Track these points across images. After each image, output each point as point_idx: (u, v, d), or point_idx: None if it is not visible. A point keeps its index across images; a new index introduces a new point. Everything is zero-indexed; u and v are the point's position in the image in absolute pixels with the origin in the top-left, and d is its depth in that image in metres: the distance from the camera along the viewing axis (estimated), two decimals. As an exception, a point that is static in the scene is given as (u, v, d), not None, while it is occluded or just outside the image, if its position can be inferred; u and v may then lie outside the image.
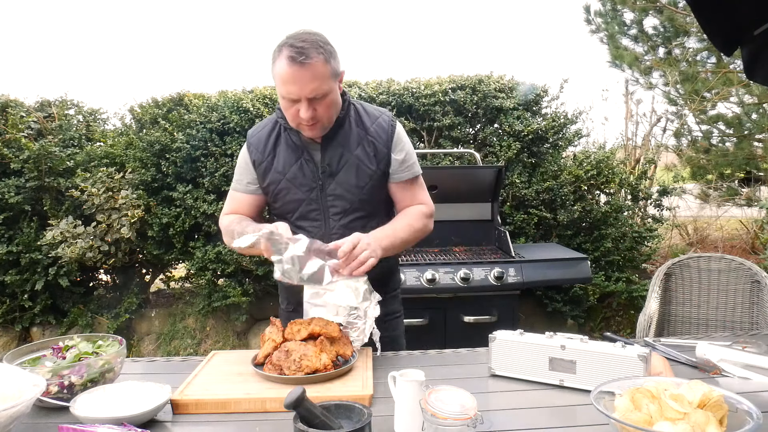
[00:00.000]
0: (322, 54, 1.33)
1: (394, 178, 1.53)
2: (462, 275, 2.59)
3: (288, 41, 1.33)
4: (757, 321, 2.24)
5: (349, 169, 1.48)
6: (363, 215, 1.51)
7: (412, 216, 1.54)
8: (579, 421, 1.10)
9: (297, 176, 1.49)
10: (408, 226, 1.50)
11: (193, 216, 3.58)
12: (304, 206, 1.50)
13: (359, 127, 1.50)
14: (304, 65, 1.30)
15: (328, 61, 1.34)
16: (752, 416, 0.87)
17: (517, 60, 23.63)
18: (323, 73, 1.33)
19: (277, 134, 1.52)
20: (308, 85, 1.32)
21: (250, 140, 1.56)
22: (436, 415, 0.91)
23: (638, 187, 4.11)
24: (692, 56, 5.02)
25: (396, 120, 1.56)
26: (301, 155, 1.49)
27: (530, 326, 1.91)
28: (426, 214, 1.57)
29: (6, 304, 3.73)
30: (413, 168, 1.56)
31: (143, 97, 5.00)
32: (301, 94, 1.33)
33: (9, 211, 3.63)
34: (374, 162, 1.49)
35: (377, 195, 1.53)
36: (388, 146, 1.50)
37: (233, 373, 1.28)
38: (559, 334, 1.27)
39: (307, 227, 1.51)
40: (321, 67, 1.32)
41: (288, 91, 1.34)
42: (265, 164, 1.51)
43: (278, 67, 1.33)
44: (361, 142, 1.49)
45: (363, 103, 1.57)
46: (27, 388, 1.03)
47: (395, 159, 1.51)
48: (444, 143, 3.63)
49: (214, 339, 3.87)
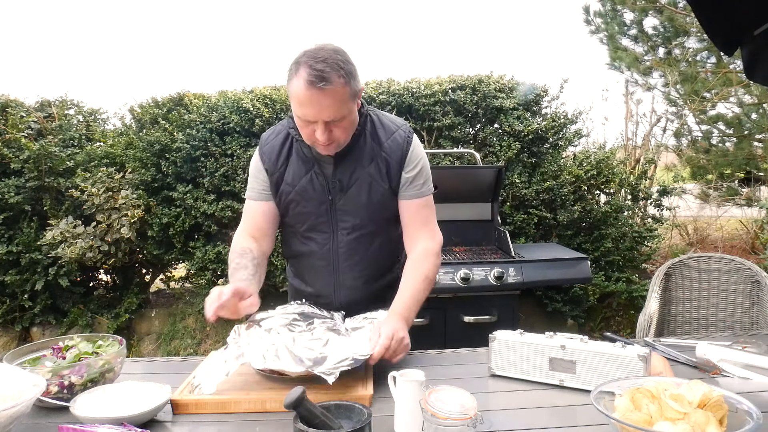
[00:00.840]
0: (342, 77, 1.26)
1: (403, 195, 1.48)
2: (462, 275, 2.59)
3: (307, 60, 1.25)
4: (757, 321, 2.24)
5: (361, 186, 1.44)
6: (372, 231, 1.49)
7: (427, 266, 1.46)
8: (579, 421, 1.10)
9: (307, 189, 1.46)
10: (425, 280, 1.44)
11: (193, 216, 3.58)
12: (314, 219, 1.48)
13: (374, 142, 1.45)
14: (323, 90, 1.23)
15: (348, 83, 1.28)
16: (752, 416, 0.87)
17: (517, 60, 23.63)
18: (342, 97, 1.27)
19: (290, 145, 1.47)
20: (326, 109, 1.26)
21: (263, 148, 1.50)
22: (436, 415, 0.91)
23: (638, 187, 4.11)
24: (692, 56, 5.02)
25: (413, 135, 1.49)
26: (311, 168, 1.45)
27: (530, 326, 1.91)
28: (437, 254, 1.50)
29: (6, 304, 3.74)
30: (423, 188, 1.49)
31: (143, 97, 5.01)
32: (319, 117, 1.28)
33: (9, 211, 3.63)
34: (386, 180, 1.45)
35: (387, 212, 1.50)
36: (401, 164, 1.45)
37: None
38: (559, 334, 1.27)
39: (316, 238, 1.50)
40: (340, 91, 1.26)
41: (304, 114, 1.28)
42: (277, 175, 1.47)
43: (295, 86, 1.26)
44: (374, 158, 1.44)
45: (380, 114, 1.50)
46: (27, 388, 1.03)
47: (405, 177, 1.46)
48: (444, 143, 3.63)
49: (214, 339, 3.87)
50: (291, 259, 1.64)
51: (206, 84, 10.79)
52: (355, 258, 1.51)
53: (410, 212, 1.50)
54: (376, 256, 1.53)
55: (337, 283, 1.53)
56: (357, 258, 1.51)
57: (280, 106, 3.55)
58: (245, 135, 3.55)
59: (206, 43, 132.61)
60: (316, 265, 1.54)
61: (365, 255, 1.51)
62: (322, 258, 1.52)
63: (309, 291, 1.58)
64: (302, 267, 1.58)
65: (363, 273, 1.52)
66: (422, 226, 1.51)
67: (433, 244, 1.51)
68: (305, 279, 1.59)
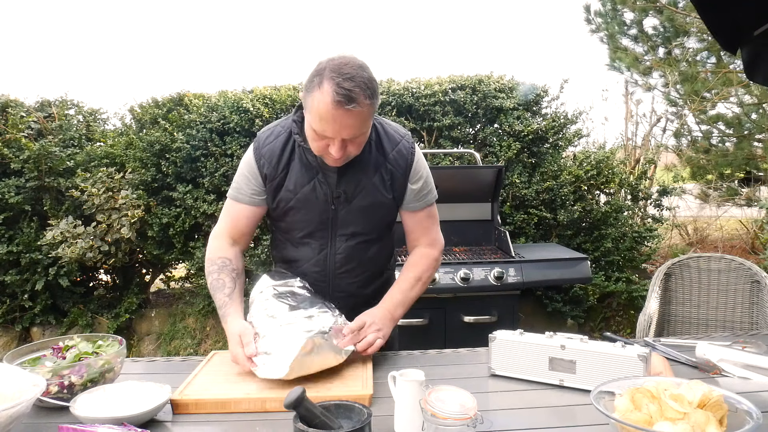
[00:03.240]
0: (368, 98, 1.21)
1: (408, 207, 1.48)
2: (462, 275, 2.59)
3: (332, 75, 1.19)
4: (757, 321, 2.24)
5: (365, 197, 1.42)
6: (370, 239, 1.48)
7: (421, 268, 1.48)
8: (579, 421, 1.10)
9: (309, 198, 1.41)
10: (417, 281, 1.46)
11: (193, 216, 3.58)
12: (313, 227, 1.45)
13: (379, 152, 1.42)
14: (349, 111, 1.19)
15: (373, 104, 1.24)
16: (752, 416, 0.87)
17: (517, 60, 23.65)
18: (366, 117, 1.24)
19: (292, 148, 1.41)
20: (348, 129, 1.23)
21: (262, 150, 1.42)
22: (436, 415, 0.91)
23: (638, 187, 4.11)
24: (692, 56, 5.02)
25: (415, 145, 1.48)
26: (315, 176, 1.40)
27: (530, 326, 1.90)
28: (436, 259, 1.52)
29: (6, 304, 3.74)
30: (427, 197, 1.49)
31: (143, 97, 5.02)
32: (339, 136, 1.24)
33: (9, 211, 3.63)
34: (390, 191, 1.43)
35: (388, 221, 1.50)
36: (406, 176, 1.44)
37: (233, 373, 1.28)
38: (559, 334, 1.27)
39: (311, 244, 1.47)
40: (365, 112, 1.23)
41: (323, 129, 1.23)
42: (278, 180, 1.41)
43: (318, 101, 1.20)
44: (379, 169, 1.41)
45: (383, 122, 1.47)
46: (27, 388, 1.03)
47: (411, 188, 1.45)
48: (444, 143, 3.63)
49: (214, 339, 3.87)
50: (281, 264, 1.56)
51: (206, 84, 10.81)
52: (352, 264, 1.48)
53: (414, 222, 1.51)
54: (372, 261, 1.51)
55: (330, 288, 1.49)
56: (354, 264, 1.49)
57: (280, 106, 3.55)
58: (245, 135, 3.55)
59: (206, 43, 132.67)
60: (309, 270, 1.49)
61: (362, 261, 1.49)
62: (317, 264, 1.48)
63: None
64: (293, 272, 1.51)
65: (358, 278, 1.50)
66: (424, 234, 1.52)
67: (434, 251, 1.52)
68: None
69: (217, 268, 1.43)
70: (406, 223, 1.52)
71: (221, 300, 1.40)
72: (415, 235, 1.53)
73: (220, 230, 1.50)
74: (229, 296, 1.40)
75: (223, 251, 1.47)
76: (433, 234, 1.54)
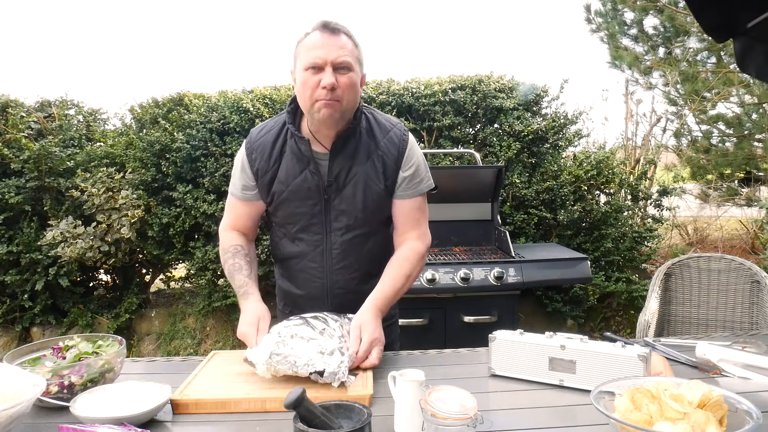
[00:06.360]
0: (351, 39, 1.36)
1: (399, 195, 1.47)
2: (462, 275, 2.59)
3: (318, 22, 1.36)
4: (757, 321, 2.24)
5: (357, 185, 1.42)
6: (366, 232, 1.48)
7: (412, 264, 1.47)
8: (579, 421, 1.10)
9: (301, 188, 1.43)
10: (406, 278, 1.45)
11: (193, 216, 3.58)
12: (307, 220, 1.45)
13: (370, 139, 1.44)
14: (335, 33, 1.33)
15: (356, 46, 1.38)
16: (752, 416, 0.87)
17: (517, 60, 23.65)
18: (351, 50, 1.35)
19: (284, 141, 1.44)
20: (336, 50, 1.32)
21: (253, 145, 1.46)
22: (436, 415, 0.91)
23: (638, 187, 4.12)
24: (692, 56, 5.02)
25: (408, 133, 1.49)
26: (306, 166, 1.42)
27: (530, 326, 1.90)
28: (423, 255, 1.51)
29: (6, 304, 3.74)
30: (419, 186, 1.49)
31: (143, 97, 5.01)
32: (328, 58, 1.31)
33: (9, 211, 3.63)
34: (382, 179, 1.44)
35: (382, 214, 1.49)
36: (397, 163, 1.44)
37: (233, 373, 1.28)
38: (559, 334, 1.27)
39: (308, 239, 1.48)
40: (349, 44, 1.35)
41: (314, 56, 1.32)
42: (270, 174, 1.44)
43: (308, 37, 1.35)
44: (370, 156, 1.43)
45: (375, 113, 1.50)
46: (27, 388, 1.03)
47: (402, 176, 1.45)
48: (444, 143, 3.63)
49: (214, 339, 3.87)
50: (281, 262, 1.59)
51: (206, 84, 10.82)
52: (349, 259, 1.48)
53: (403, 212, 1.49)
54: (370, 257, 1.50)
55: (329, 284, 1.49)
56: (351, 259, 1.48)
57: (279, 106, 3.55)
58: (245, 135, 3.52)
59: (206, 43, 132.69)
60: (307, 267, 1.50)
61: (359, 256, 1.49)
62: (314, 260, 1.48)
63: (299, 293, 1.54)
64: (292, 269, 1.54)
65: (357, 274, 1.50)
66: (413, 227, 1.50)
67: (421, 246, 1.51)
68: (295, 281, 1.54)
69: (231, 255, 1.50)
70: (395, 214, 1.50)
71: (241, 280, 1.45)
72: (405, 228, 1.50)
73: (225, 224, 1.58)
74: (248, 276, 1.46)
75: (233, 240, 1.53)
76: (423, 228, 1.52)
